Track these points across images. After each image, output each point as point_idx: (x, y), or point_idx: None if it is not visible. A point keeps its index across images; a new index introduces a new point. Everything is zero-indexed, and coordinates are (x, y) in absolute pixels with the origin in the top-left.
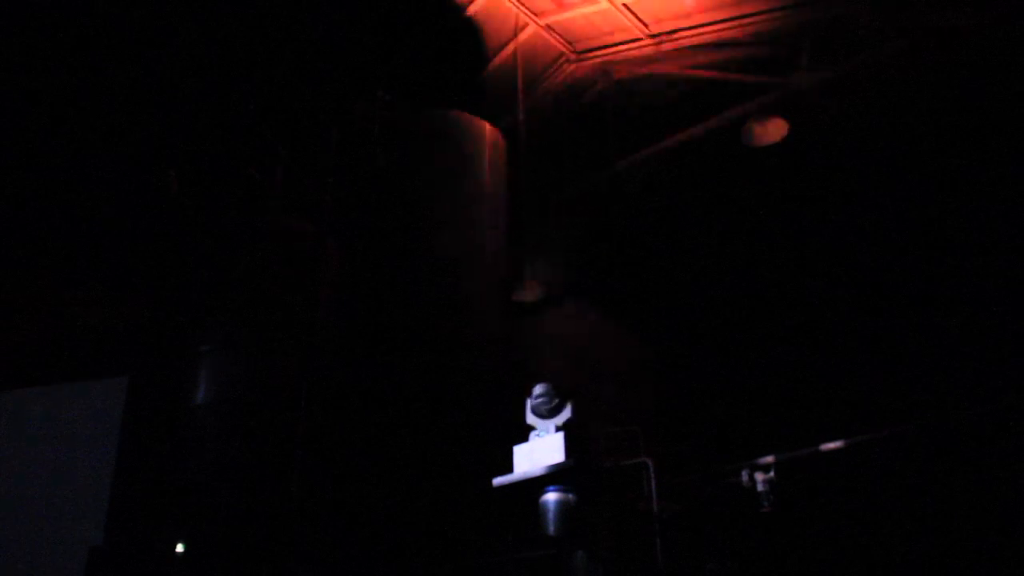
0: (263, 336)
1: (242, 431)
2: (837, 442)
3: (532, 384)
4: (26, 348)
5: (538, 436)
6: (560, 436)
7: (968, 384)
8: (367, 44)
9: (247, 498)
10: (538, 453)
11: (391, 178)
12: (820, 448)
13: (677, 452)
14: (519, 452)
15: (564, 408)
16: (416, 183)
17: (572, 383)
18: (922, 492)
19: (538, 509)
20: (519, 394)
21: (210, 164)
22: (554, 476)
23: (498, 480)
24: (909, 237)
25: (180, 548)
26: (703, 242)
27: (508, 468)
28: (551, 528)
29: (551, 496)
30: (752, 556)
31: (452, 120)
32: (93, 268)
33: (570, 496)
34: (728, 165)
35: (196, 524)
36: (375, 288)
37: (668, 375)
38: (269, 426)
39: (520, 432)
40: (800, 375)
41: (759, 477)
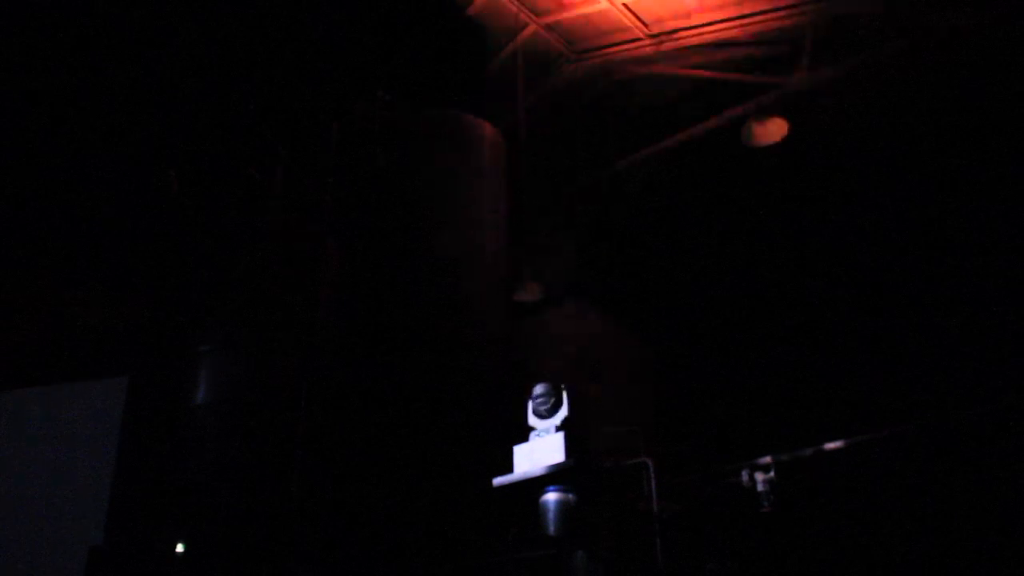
0: (263, 336)
1: (242, 431)
2: (837, 442)
3: (532, 384)
4: (26, 348)
5: (538, 436)
6: (560, 436)
7: (968, 384)
8: (367, 44)
9: (247, 498)
10: (538, 453)
11: (391, 178)
12: (820, 448)
13: (677, 452)
14: (519, 452)
15: (562, 406)
16: (416, 183)
17: (572, 383)
18: (922, 492)
19: (538, 509)
20: (519, 394)
21: (210, 164)
22: (554, 476)
23: (498, 480)
24: (909, 237)
25: (180, 548)
26: (703, 242)
27: (508, 468)
28: (551, 528)
29: (551, 496)
30: (752, 556)
31: (452, 120)
32: (93, 268)
33: (570, 496)
34: (728, 165)
35: (196, 524)
36: (375, 288)
37: (668, 375)
38: (269, 426)
39: (520, 432)
40: (800, 375)
41: (759, 477)
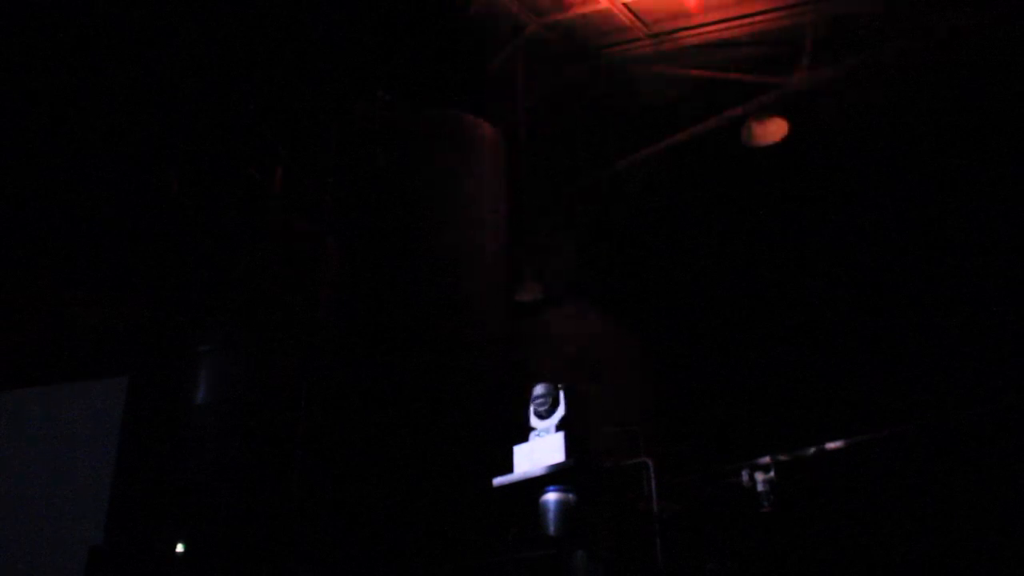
0: (263, 336)
1: (242, 431)
2: (837, 442)
3: (532, 384)
4: (26, 348)
5: (538, 436)
6: (560, 436)
7: (968, 384)
8: (367, 44)
9: (247, 498)
10: (538, 453)
11: (391, 178)
12: (820, 448)
13: (677, 452)
14: (519, 452)
15: (559, 406)
16: (416, 183)
17: (572, 383)
18: (922, 492)
19: (538, 509)
20: (519, 394)
21: (210, 164)
22: (554, 476)
23: (498, 480)
24: (909, 237)
25: (180, 548)
26: (703, 242)
27: (508, 468)
28: (551, 528)
29: (551, 496)
30: (752, 556)
31: (452, 120)
32: (93, 268)
33: (570, 496)
34: (728, 165)
35: (196, 524)
36: (375, 288)
37: (668, 375)
38: (269, 426)
39: (520, 432)
40: (800, 375)
41: (759, 477)
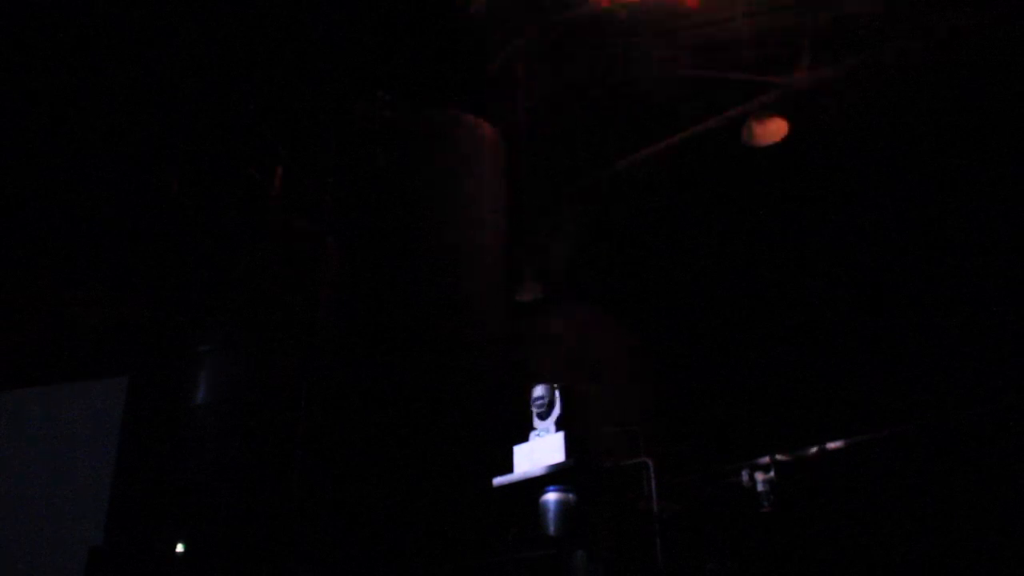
0: (263, 336)
1: (242, 431)
2: (837, 442)
3: (532, 385)
4: (26, 348)
5: (538, 436)
6: (560, 436)
7: (968, 384)
8: (367, 44)
9: (247, 498)
10: (538, 453)
11: (391, 178)
12: (820, 448)
13: (677, 452)
14: (519, 452)
15: (555, 406)
16: (416, 183)
17: (571, 383)
18: (922, 492)
19: (538, 509)
20: (519, 394)
21: (210, 164)
22: (554, 476)
23: (498, 480)
24: (909, 237)
25: (180, 548)
26: (703, 242)
27: (508, 468)
28: (551, 528)
29: (551, 496)
30: (752, 556)
31: (452, 120)
32: (93, 268)
33: (570, 496)
34: (728, 165)
35: (196, 524)
36: (375, 288)
37: (668, 375)
38: (269, 426)
39: (520, 432)
40: (800, 375)
41: (759, 477)
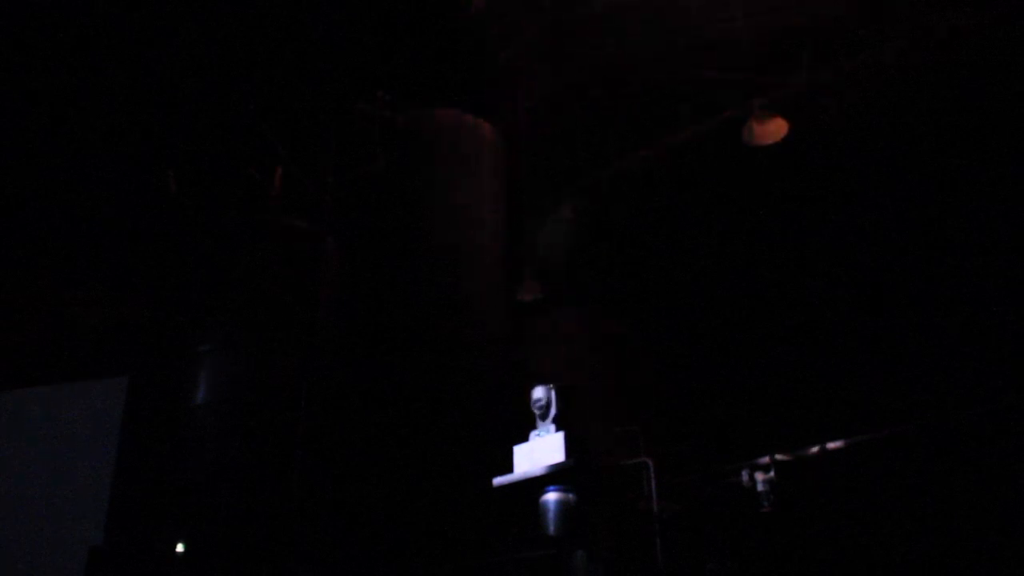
0: (263, 336)
1: (242, 431)
2: (837, 442)
3: (532, 386)
4: (26, 348)
5: (538, 436)
6: (560, 436)
7: (968, 384)
8: (367, 44)
9: (247, 498)
10: (538, 453)
11: (391, 178)
12: (820, 448)
13: (677, 452)
14: (519, 452)
15: (553, 406)
16: (416, 183)
17: (571, 383)
18: (922, 492)
19: (538, 509)
20: (519, 394)
21: (210, 164)
22: (554, 476)
23: (498, 480)
24: (909, 237)
25: (180, 548)
26: (703, 242)
27: (508, 468)
28: (551, 528)
29: (551, 496)
30: (752, 556)
31: (452, 120)
32: (93, 268)
33: (570, 496)
34: (728, 165)
35: (196, 524)
36: (375, 288)
37: (668, 375)
38: (269, 426)
39: (520, 432)
40: (800, 375)
41: (759, 477)
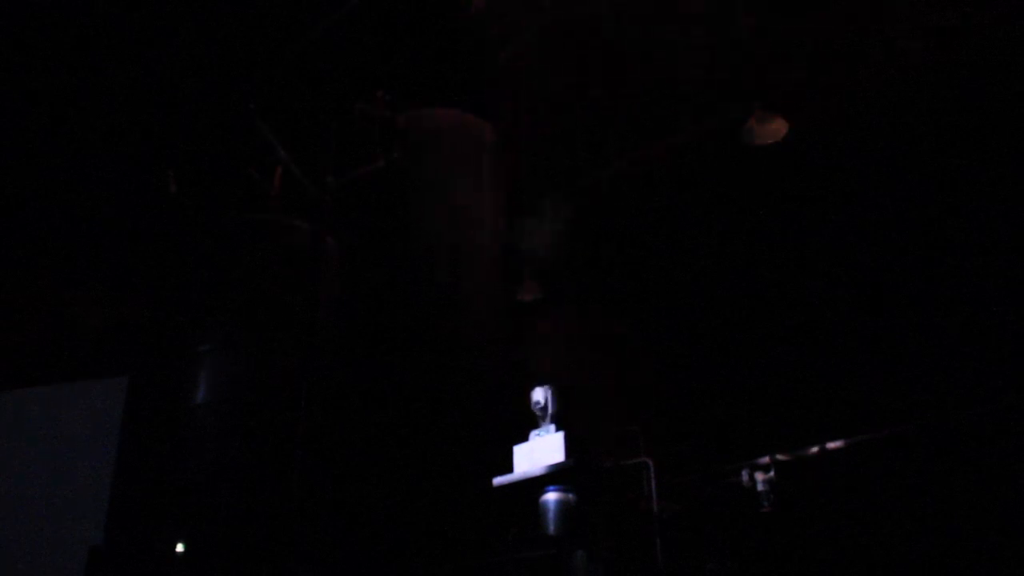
0: (263, 336)
1: (242, 431)
2: (837, 442)
3: (532, 387)
4: (26, 348)
5: (538, 436)
6: (560, 436)
7: (968, 384)
8: (367, 44)
9: (247, 498)
10: (538, 453)
11: (391, 178)
12: (820, 448)
13: (677, 452)
14: (519, 452)
15: (551, 404)
16: (416, 183)
17: (571, 383)
18: (922, 492)
19: (538, 509)
20: (519, 394)
21: (210, 164)
22: (554, 476)
23: (498, 480)
24: (909, 237)
25: (180, 548)
26: (703, 242)
27: (508, 468)
28: (551, 528)
29: (551, 496)
30: (752, 556)
31: (452, 120)
32: (93, 268)
33: (570, 496)
34: (728, 165)
35: (196, 524)
36: (375, 288)
37: (668, 375)
38: (269, 426)
39: (520, 432)
40: (800, 375)
41: (759, 477)
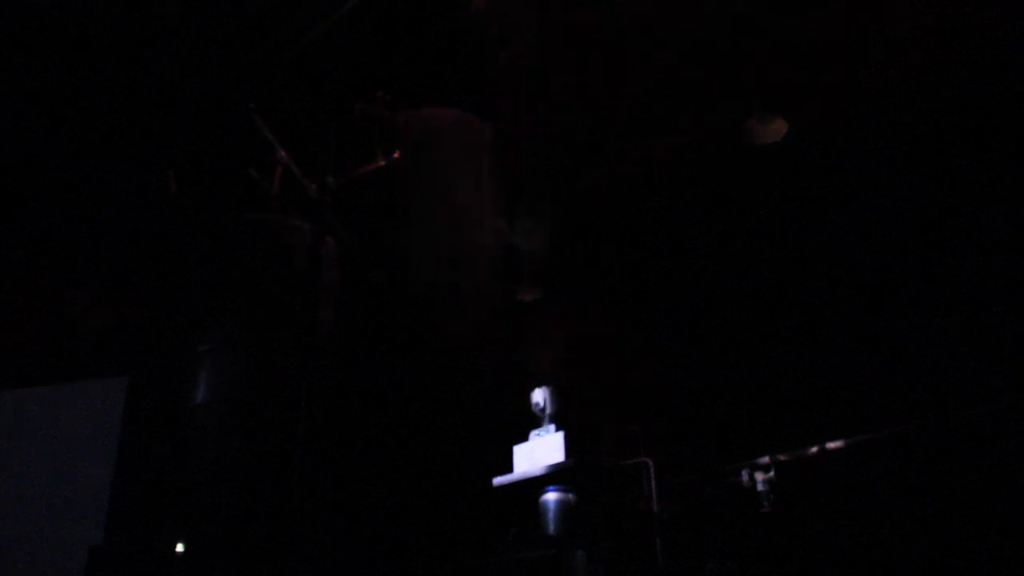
0: (263, 336)
1: (242, 431)
2: (837, 442)
3: (532, 387)
4: (26, 348)
5: (538, 435)
6: (560, 436)
7: (968, 384)
8: (367, 44)
9: (247, 498)
10: (538, 453)
11: (391, 178)
12: (820, 448)
13: (677, 452)
14: (519, 452)
15: (549, 404)
16: (416, 183)
17: (570, 383)
18: (922, 492)
19: (538, 509)
20: (519, 394)
21: (210, 164)
22: (554, 476)
23: (498, 480)
24: (909, 237)
25: (180, 548)
26: (703, 242)
27: (508, 468)
28: (551, 528)
29: (551, 496)
30: (752, 556)
31: (452, 120)
32: (93, 268)
33: (570, 496)
34: (728, 165)
35: (196, 524)
36: (375, 288)
37: (668, 375)
38: (269, 426)
39: (520, 432)
40: (800, 375)
41: (759, 477)
